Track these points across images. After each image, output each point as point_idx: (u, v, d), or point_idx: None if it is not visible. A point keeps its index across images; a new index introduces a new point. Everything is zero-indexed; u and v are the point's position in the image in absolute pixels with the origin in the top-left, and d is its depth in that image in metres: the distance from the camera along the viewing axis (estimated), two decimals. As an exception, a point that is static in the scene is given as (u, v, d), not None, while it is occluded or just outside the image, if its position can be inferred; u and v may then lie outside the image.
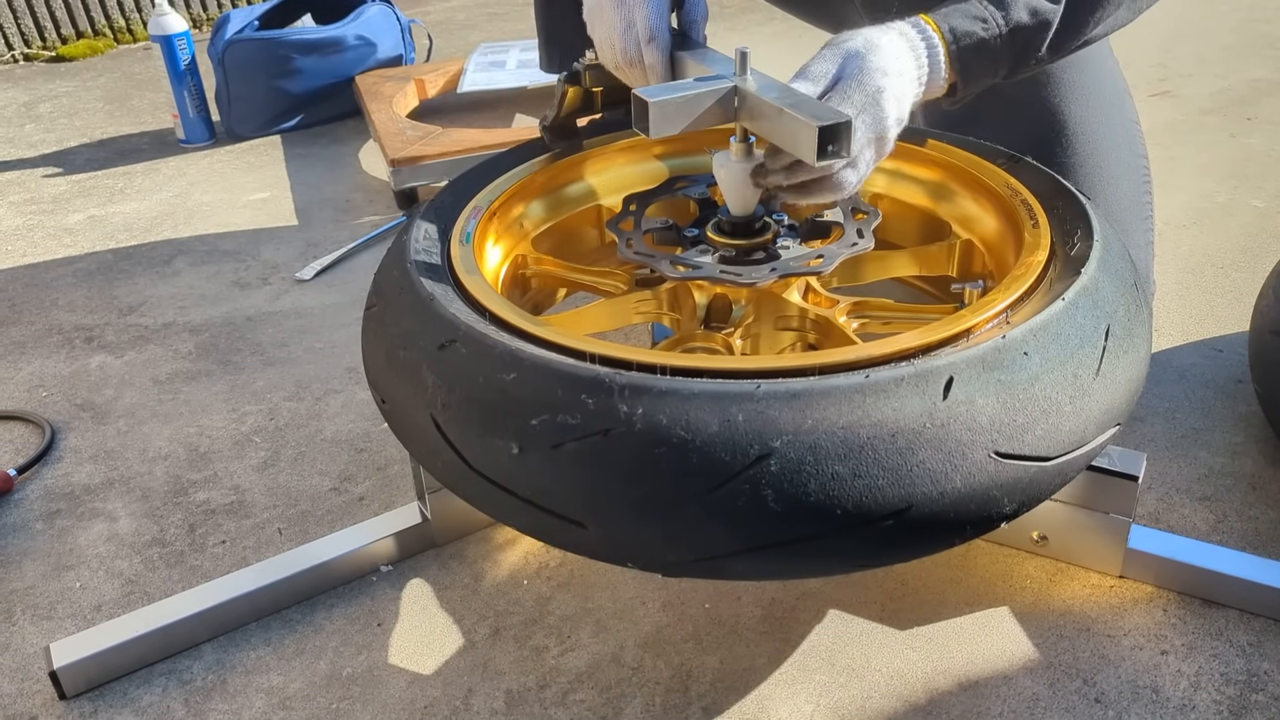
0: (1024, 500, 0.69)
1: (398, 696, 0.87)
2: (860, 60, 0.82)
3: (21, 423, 1.28)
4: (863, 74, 0.81)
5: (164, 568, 1.02)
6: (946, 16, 0.88)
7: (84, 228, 1.83)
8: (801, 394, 0.65)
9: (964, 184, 1.00)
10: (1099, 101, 1.15)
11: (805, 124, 0.73)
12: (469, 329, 0.74)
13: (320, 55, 2.21)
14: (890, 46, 0.84)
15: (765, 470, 0.64)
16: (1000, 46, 0.89)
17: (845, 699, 0.84)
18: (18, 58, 2.95)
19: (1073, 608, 0.90)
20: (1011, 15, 0.89)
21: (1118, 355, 0.74)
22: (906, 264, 1.02)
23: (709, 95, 0.81)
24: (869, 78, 0.81)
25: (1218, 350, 1.25)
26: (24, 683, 0.90)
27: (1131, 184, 1.15)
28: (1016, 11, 0.89)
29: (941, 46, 0.87)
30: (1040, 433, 0.69)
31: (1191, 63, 2.29)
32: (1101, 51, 1.20)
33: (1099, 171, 1.12)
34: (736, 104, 0.82)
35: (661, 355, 0.70)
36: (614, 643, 0.90)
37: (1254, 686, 0.82)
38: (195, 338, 1.44)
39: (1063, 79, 1.15)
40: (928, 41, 0.87)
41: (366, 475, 1.13)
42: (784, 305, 0.91)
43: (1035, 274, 0.80)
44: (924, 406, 0.66)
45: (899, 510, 0.65)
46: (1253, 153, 1.81)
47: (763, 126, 0.81)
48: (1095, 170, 1.12)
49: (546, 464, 0.68)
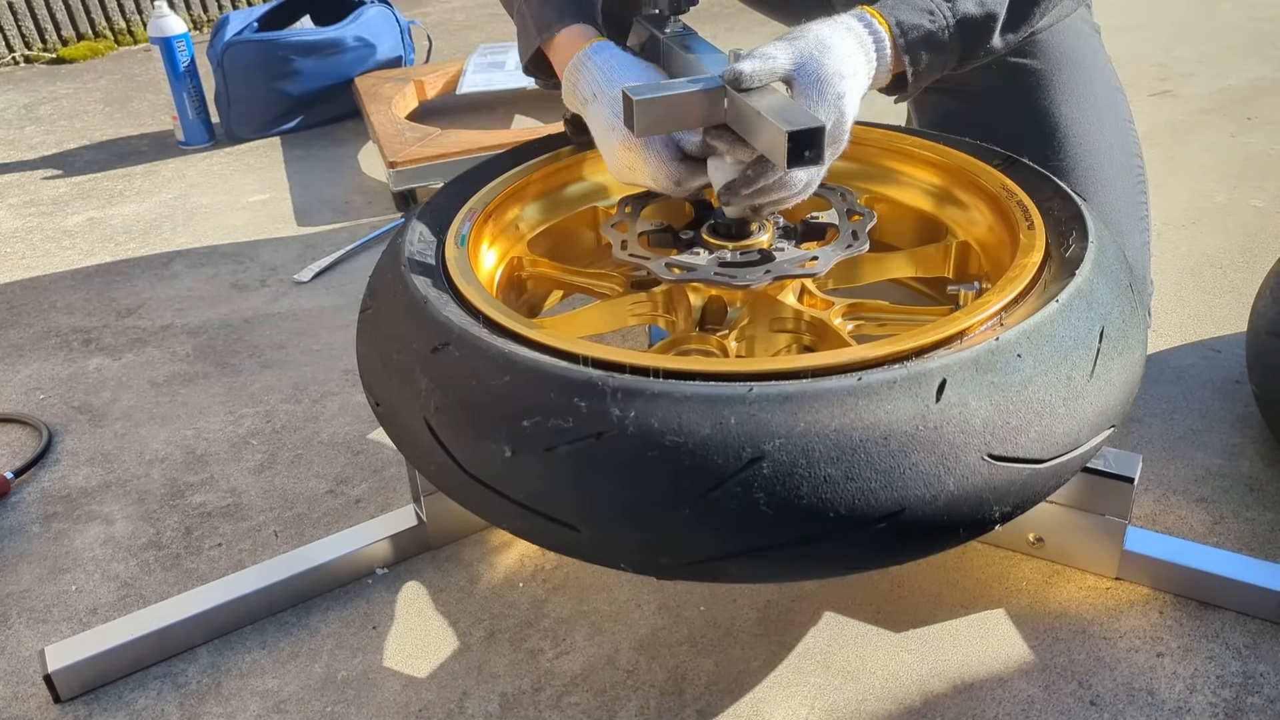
0: (1018, 503, 0.69)
1: (392, 699, 0.86)
2: (816, 65, 0.82)
3: (19, 425, 1.28)
4: (822, 82, 0.82)
5: (160, 571, 1.02)
6: (894, 9, 0.88)
7: (83, 230, 1.84)
8: (794, 396, 0.65)
9: (960, 186, 1.00)
10: (1091, 102, 1.15)
11: (776, 128, 0.73)
12: (462, 332, 0.74)
13: (319, 57, 2.21)
14: (841, 46, 0.84)
15: (758, 473, 0.64)
16: (948, 40, 0.89)
17: (840, 701, 0.84)
18: (18, 59, 2.96)
19: (1068, 610, 0.90)
20: (959, 7, 0.89)
21: (1112, 357, 0.74)
22: (903, 266, 1.02)
23: (697, 95, 0.81)
24: (829, 85, 0.82)
25: (1216, 351, 1.24)
26: (19, 686, 0.90)
27: (1126, 184, 1.15)
28: (964, 3, 0.89)
29: (889, 40, 0.87)
30: (1034, 435, 0.68)
31: (1192, 62, 2.29)
32: (1092, 48, 1.20)
33: (1093, 173, 1.12)
34: (726, 105, 0.82)
35: (654, 358, 0.70)
36: (609, 645, 0.90)
37: (1250, 689, 0.82)
38: (193, 340, 1.44)
39: (1054, 80, 1.15)
40: (875, 36, 0.87)
41: (363, 478, 1.13)
42: (779, 307, 0.91)
43: (1030, 276, 0.80)
44: (917, 409, 0.66)
45: (892, 513, 0.65)
46: (1253, 152, 1.81)
47: (743, 128, 0.80)
48: (1089, 172, 1.12)
49: (539, 467, 0.67)
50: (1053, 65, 1.15)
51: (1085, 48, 1.19)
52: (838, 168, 1.07)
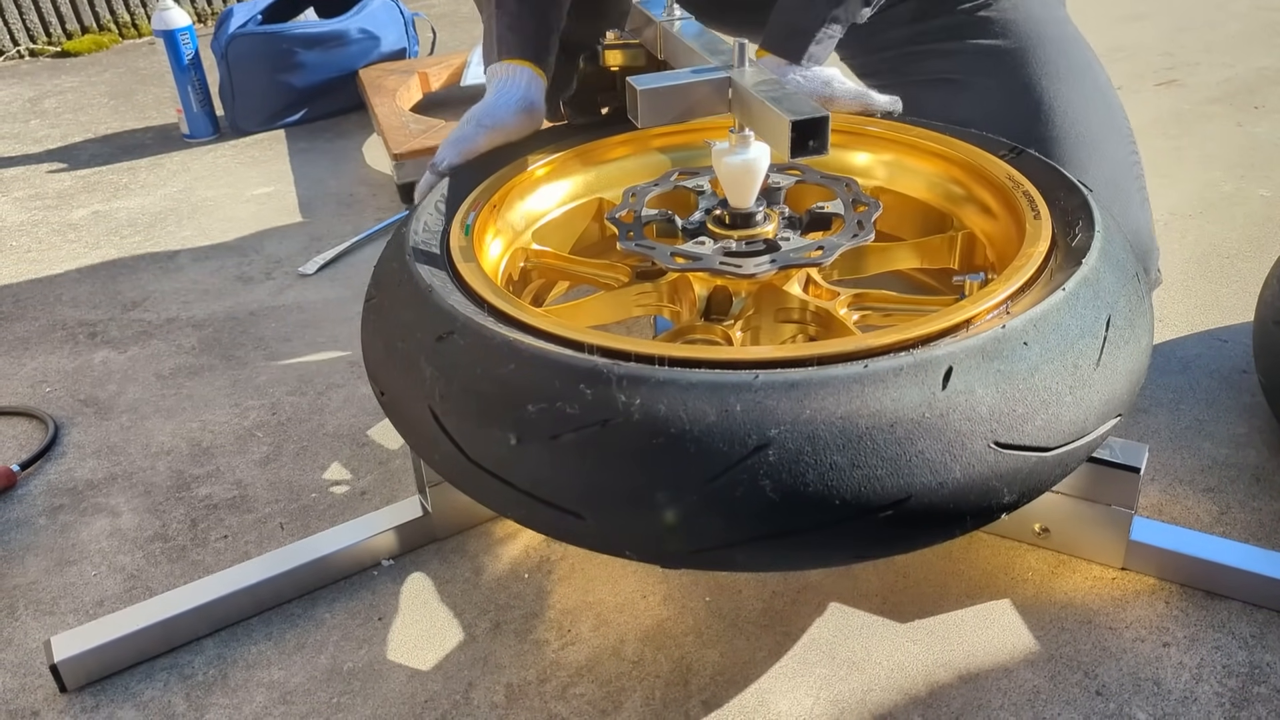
0: (1024, 491, 0.69)
1: (398, 690, 0.87)
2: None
3: (25, 418, 1.28)
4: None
5: (166, 562, 1.02)
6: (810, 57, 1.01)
7: (88, 223, 1.84)
8: (799, 384, 0.65)
9: (966, 176, 1.00)
10: (1070, 73, 1.16)
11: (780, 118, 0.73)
12: (467, 320, 0.74)
13: (323, 49, 2.21)
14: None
15: (763, 460, 0.63)
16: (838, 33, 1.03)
17: (845, 692, 0.84)
18: (23, 53, 2.96)
19: (1074, 600, 0.90)
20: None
21: (1119, 345, 0.74)
22: (909, 256, 1.02)
23: (701, 85, 0.81)
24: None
25: (1222, 340, 1.24)
26: (26, 677, 0.90)
27: (1117, 148, 1.16)
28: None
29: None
30: (1040, 423, 0.68)
31: (1198, 51, 2.28)
32: (1059, 19, 1.22)
33: (1083, 141, 1.13)
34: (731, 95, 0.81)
35: (659, 345, 0.70)
36: (614, 636, 0.90)
37: (1256, 679, 0.82)
38: (198, 332, 1.44)
39: (1029, 57, 1.16)
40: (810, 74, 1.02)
41: (368, 469, 1.13)
42: (784, 297, 0.90)
43: (1036, 265, 0.79)
44: (923, 396, 0.66)
45: (898, 500, 0.65)
46: (1259, 142, 1.80)
47: (747, 118, 0.80)
48: (1080, 141, 1.13)
49: (544, 455, 0.67)
50: (1025, 42, 1.16)
51: (1052, 19, 1.20)
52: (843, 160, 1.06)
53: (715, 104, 0.82)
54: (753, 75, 0.81)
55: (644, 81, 0.79)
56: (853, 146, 1.07)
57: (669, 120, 0.82)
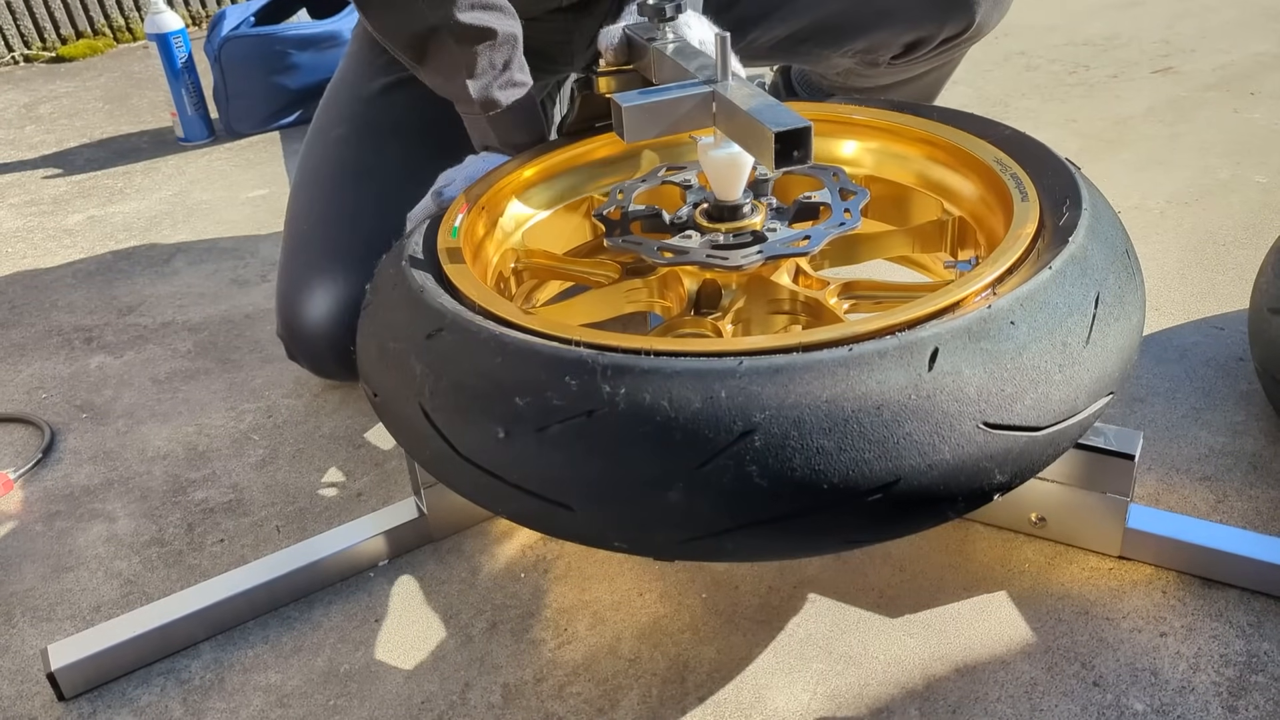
0: (1015, 471, 0.68)
1: (395, 692, 0.86)
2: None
3: (21, 424, 1.28)
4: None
5: (163, 567, 1.02)
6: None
7: (83, 228, 1.84)
8: (784, 369, 0.65)
9: (954, 161, 0.99)
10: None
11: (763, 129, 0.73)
12: (455, 317, 0.74)
13: (317, 50, 2.20)
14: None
15: (749, 446, 0.63)
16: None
17: (842, 686, 0.83)
18: (18, 59, 2.96)
19: (1071, 591, 0.90)
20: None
21: (1108, 323, 0.73)
22: (900, 244, 1.01)
23: (685, 101, 0.81)
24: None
25: (1219, 328, 1.23)
26: (23, 685, 0.90)
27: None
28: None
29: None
30: (1030, 402, 0.68)
31: (1194, 38, 2.27)
32: None
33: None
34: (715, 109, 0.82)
35: (645, 340, 0.70)
36: (611, 634, 0.90)
37: (1254, 667, 0.81)
38: (194, 336, 1.44)
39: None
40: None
41: (364, 471, 1.13)
42: (774, 289, 0.90)
43: (1023, 246, 0.79)
44: (909, 378, 0.65)
45: (887, 484, 0.64)
46: (1256, 128, 1.80)
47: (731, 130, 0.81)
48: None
49: (532, 447, 0.67)
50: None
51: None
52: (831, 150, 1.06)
53: (700, 118, 0.83)
54: (736, 88, 0.82)
55: (629, 99, 0.80)
56: (839, 135, 1.07)
57: (655, 135, 0.82)
